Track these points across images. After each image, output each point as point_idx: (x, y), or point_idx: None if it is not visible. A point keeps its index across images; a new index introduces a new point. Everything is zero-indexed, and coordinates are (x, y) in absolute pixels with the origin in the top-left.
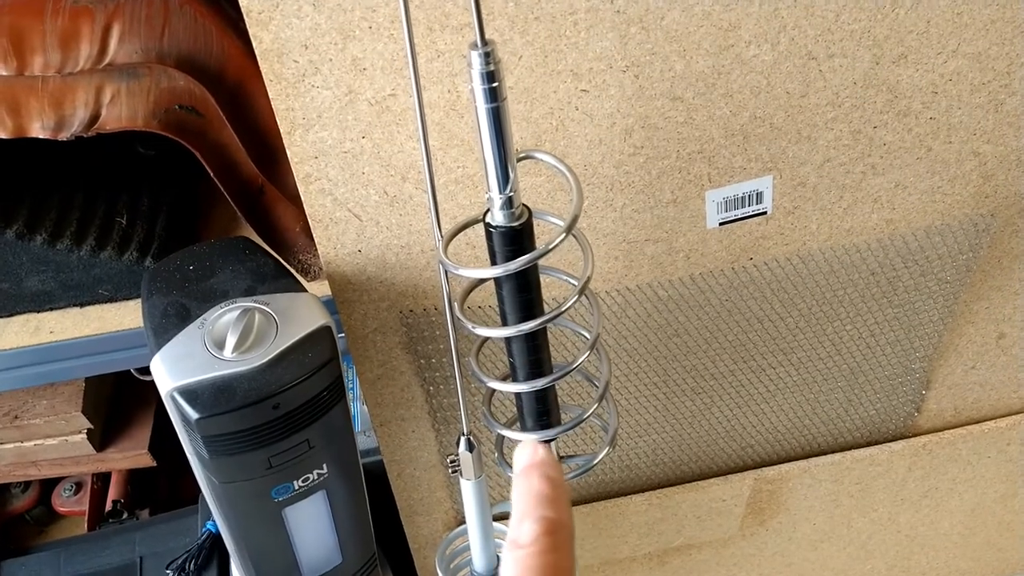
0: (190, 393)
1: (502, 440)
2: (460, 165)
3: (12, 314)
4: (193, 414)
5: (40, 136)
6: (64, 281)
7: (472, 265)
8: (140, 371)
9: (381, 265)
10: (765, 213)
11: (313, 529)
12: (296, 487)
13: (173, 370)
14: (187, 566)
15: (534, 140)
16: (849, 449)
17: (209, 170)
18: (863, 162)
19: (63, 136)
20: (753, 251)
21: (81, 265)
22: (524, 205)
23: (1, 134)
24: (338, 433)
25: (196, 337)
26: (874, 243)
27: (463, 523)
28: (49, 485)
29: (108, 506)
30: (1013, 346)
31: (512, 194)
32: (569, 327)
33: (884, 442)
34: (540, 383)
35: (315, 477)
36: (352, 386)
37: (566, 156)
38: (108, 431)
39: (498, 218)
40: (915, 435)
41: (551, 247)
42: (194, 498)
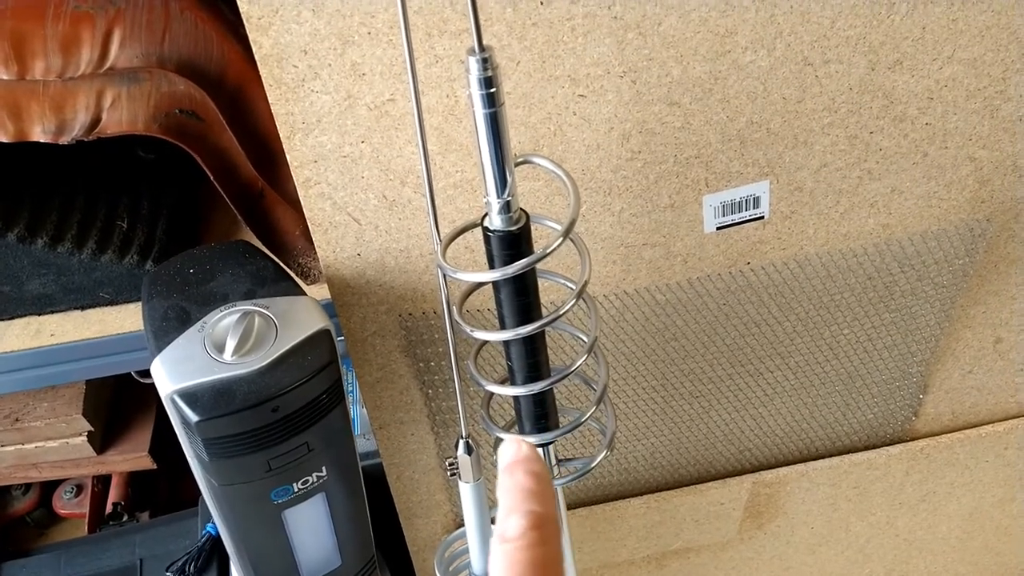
0: (190, 396)
1: (500, 443)
2: (459, 169)
3: (13, 317)
4: (193, 417)
5: (41, 140)
6: (65, 284)
7: (470, 269)
8: (140, 374)
9: (380, 269)
10: (762, 218)
11: (312, 531)
12: (295, 489)
13: (173, 373)
14: (187, 568)
15: (532, 145)
16: (847, 453)
17: (209, 174)
18: (859, 167)
19: (64, 140)
20: (750, 255)
21: (82, 268)
22: (522, 209)
23: (3, 138)
24: (337, 436)
25: (196, 340)
26: (871, 248)
27: (462, 526)
28: (50, 487)
29: (108, 508)
30: (1010, 350)
31: (510, 198)
32: (567, 331)
33: (882, 446)
34: (538, 386)
35: (314, 479)
36: (351, 389)
37: (564, 161)
38: (108, 434)
39: (496, 222)
40: (913, 439)
41: (549, 251)
42: (194, 500)
